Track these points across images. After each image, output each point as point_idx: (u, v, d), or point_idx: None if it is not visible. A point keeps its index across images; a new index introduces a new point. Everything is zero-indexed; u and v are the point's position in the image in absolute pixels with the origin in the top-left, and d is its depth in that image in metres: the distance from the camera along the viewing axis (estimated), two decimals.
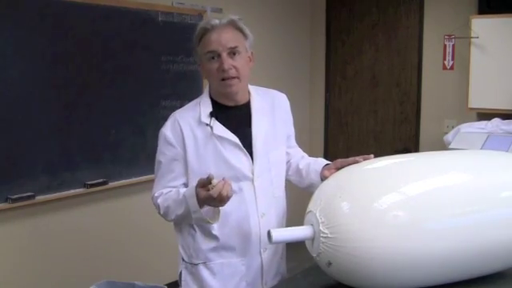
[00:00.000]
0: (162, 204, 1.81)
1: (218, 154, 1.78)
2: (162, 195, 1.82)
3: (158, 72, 3.54)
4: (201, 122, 1.81)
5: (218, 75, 1.77)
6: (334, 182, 1.59)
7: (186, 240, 1.86)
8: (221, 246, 1.82)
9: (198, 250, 1.83)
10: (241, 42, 1.79)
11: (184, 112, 1.87)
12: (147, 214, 3.55)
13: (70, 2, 3.01)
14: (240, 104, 1.85)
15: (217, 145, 1.78)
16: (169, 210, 1.79)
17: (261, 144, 1.83)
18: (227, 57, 1.75)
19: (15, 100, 2.82)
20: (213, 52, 1.76)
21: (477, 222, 1.49)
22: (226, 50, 1.75)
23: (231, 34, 1.77)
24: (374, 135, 4.68)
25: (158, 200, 1.82)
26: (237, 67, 1.76)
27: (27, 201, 2.90)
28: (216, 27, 1.76)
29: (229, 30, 1.77)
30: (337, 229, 1.42)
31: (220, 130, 1.79)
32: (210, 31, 1.76)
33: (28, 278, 2.98)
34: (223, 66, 1.74)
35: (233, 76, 1.76)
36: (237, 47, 1.77)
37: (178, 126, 1.82)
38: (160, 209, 1.82)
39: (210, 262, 1.82)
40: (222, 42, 1.74)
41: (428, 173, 1.55)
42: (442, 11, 4.22)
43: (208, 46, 1.76)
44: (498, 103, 3.76)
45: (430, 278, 1.49)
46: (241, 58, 1.78)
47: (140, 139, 3.46)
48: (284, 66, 4.49)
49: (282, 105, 1.97)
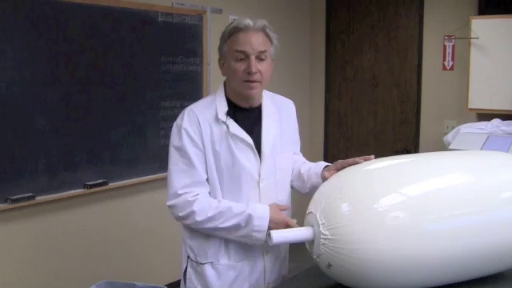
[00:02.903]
0: (203, 210, 1.76)
1: (231, 153, 1.80)
2: (200, 202, 1.77)
3: (157, 72, 3.53)
4: (218, 119, 1.82)
5: (243, 76, 1.78)
6: (334, 183, 1.59)
7: (195, 239, 1.86)
8: (227, 247, 1.84)
9: (207, 251, 1.84)
10: (268, 47, 1.81)
11: (201, 107, 1.86)
12: (147, 215, 3.57)
13: (69, 2, 3.00)
14: (253, 107, 1.87)
15: (230, 143, 1.80)
16: (210, 220, 1.76)
17: (269, 147, 1.85)
18: (255, 60, 1.77)
19: (15, 100, 2.82)
20: (242, 52, 1.77)
21: (477, 223, 1.49)
22: (256, 53, 1.77)
23: (262, 39, 1.79)
24: (374, 136, 4.68)
25: (195, 206, 1.76)
26: (262, 72, 1.79)
27: (27, 201, 2.89)
28: (249, 28, 1.77)
29: (260, 34, 1.79)
30: (337, 230, 1.43)
31: (236, 129, 1.81)
32: (243, 31, 1.77)
33: (28, 278, 2.98)
34: (251, 69, 1.76)
35: (257, 80, 1.79)
36: (265, 52, 1.79)
37: (196, 120, 1.82)
38: (196, 214, 1.76)
39: (217, 263, 1.84)
40: (253, 44, 1.76)
41: (428, 174, 1.55)
42: (442, 12, 4.22)
43: (238, 45, 1.77)
44: (498, 104, 3.76)
45: (431, 278, 1.49)
46: (266, 63, 1.81)
47: (140, 139, 3.46)
48: (284, 67, 4.49)
49: (289, 111, 2.01)
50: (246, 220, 1.74)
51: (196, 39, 3.75)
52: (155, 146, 3.54)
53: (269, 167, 1.84)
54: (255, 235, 1.75)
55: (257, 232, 1.74)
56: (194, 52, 3.74)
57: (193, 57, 3.74)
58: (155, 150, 3.53)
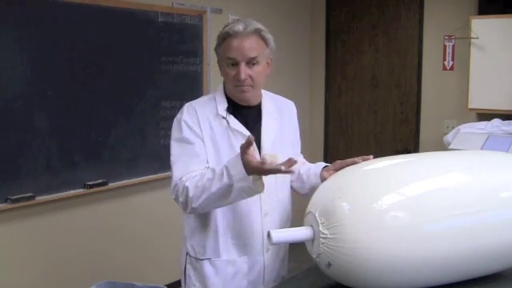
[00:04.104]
0: (192, 185, 1.71)
1: (231, 148, 1.80)
2: (191, 177, 1.73)
3: (157, 72, 3.54)
4: (218, 115, 1.83)
5: (233, 81, 1.79)
6: (333, 183, 1.59)
7: (193, 235, 1.87)
8: (226, 244, 1.84)
9: (205, 246, 1.85)
10: (261, 50, 1.80)
11: (200, 103, 1.88)
12: (147, 215, 3.57)
13: (69, 2, 3.01)
14: (252, 105, 1.88)
15: (231, 138, 1.81)
16: (201, 190, 1.70)
17: (269, 144, 1.86)
18: (245, 66, 1.76)
19: (15, 100, 2.82)
20: (232, 59, 1.77)
21: (477, 223, 1.49)
22: (245, 60, 1.76)
23: (254, 43, 1.77)
24: (374, 135, 4.68)
25: (187, 183, 1.72)
26: (252, 76, 1.78)
27: (27, 201, 2.89)
28: (239, 34, 1.76)
29: (252, 38, 1.77)
30: (336, 229, 1.43)
31: (236, 124, 1.82)
32: (233, 37, 1.76)
33: (28, 278, 2.98)
34: (239, 76, 1.76)
35: (247, 85, 1.79)
36: (256, 57, 1.78)
37: (195, 113, 1.82)
38: (189, 191, 1.71)
39: (215, 259, 1.84)
40: (243, 51, 1.75)
41: (428, 173, 1.55)
42: (442, 11, 4.22)
43: (228, 52, 1.77)
44: (498, 104, 3.76)
45: (430, 278, 1.49)
46: (259, 67, 1.80)
47: (140, 139, 3.47)
48: (284, 67, 4.49)
49: (290, 112, 2.01)
50: (228, 175, 1.65)
51: (196, 39, 3.75)
52: (155, 146, 3.54)
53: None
54: (241, 185, 1.64)
55: (241, 181, 1.63)
56: (194, 52, 3.75)
57: (193, 57, 3.74)
58: (155, 149, 3.53)
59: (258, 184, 1.64)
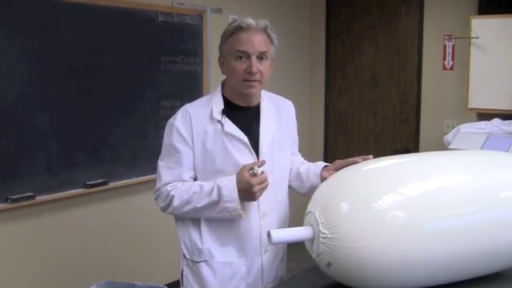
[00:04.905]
0: (179, 195, 1.79)
1: (225, 151, 1.80)
2: (177, 188, 1.81)
3: (157, 72, 3.53)
4: (212, 118, 1.83)
5: (243, 75, 1.78)
6: (333, 183, 1.59)
7: (189, 237, 1.86)
8: (222, 245, 1.83)
9: (201, 248, 1.84)
10: (269, 48, 1.82)
11: (196, 107, 1.88)
12: (147, 215, 3.57)
13: (69, 2, 3.00)
14: (251, 106, 1.87)
15: (225, 142, 1.80)
16: (186, 202, 1.78)
17: (267, 146, 1.85)
18: (256, 60, 1.77)
19: (15, 100, 2.82)
20: (243, 52, 1.77)
21: (477, 223, 1.49)
22: (257, 53, 1.77)
23: (263, 39, 1.79)
24: (374, 135, 4.68)
25: (172, 192, 1.81)
26: (262, 72, 1.79)
27: (27, 201, 2.89)
28: (251, 28, 1.77)
29: (261, 34, 1.79)
30: (336, 229, 1.43)
31: (230, 128, 1.82)
32: (245, 30, 1.77)
33: (28, 278, 2.98)
34: (251, 69, 1.76)
35: (257, 79, 1.79)
36: (266, 52, 1.79)
37: (189, 119, 1.83)
38: (174, 200, 1.80)
39: (212, 261, 1.83)
40: (254, 44, 1.76)
41: (428, 173, 1.55)
42: (442, 11, 4.22)
43: (239, 45, 1.77)
44: (498, 103, 3.76)
45: (430, 278, 1.49)
46: (267, 63, 1.81)
47: (140, 139, 3.46)
48: (284, 66, 4.49)
49: (288, 112, 2.01)
50: (218, 193, 1.74)
51: (196, 39, 3.75)
52: (155, 146, 3.50)
53: (267, 166, 1.82)
54: (229, 205, 1.74)
55: (229, 202, 1.73)
56: (194, 52, 3.74)
57: (193, 56, 3.74)
58: (155, 149, 3.48)
59: (242, 209, 1.74)
